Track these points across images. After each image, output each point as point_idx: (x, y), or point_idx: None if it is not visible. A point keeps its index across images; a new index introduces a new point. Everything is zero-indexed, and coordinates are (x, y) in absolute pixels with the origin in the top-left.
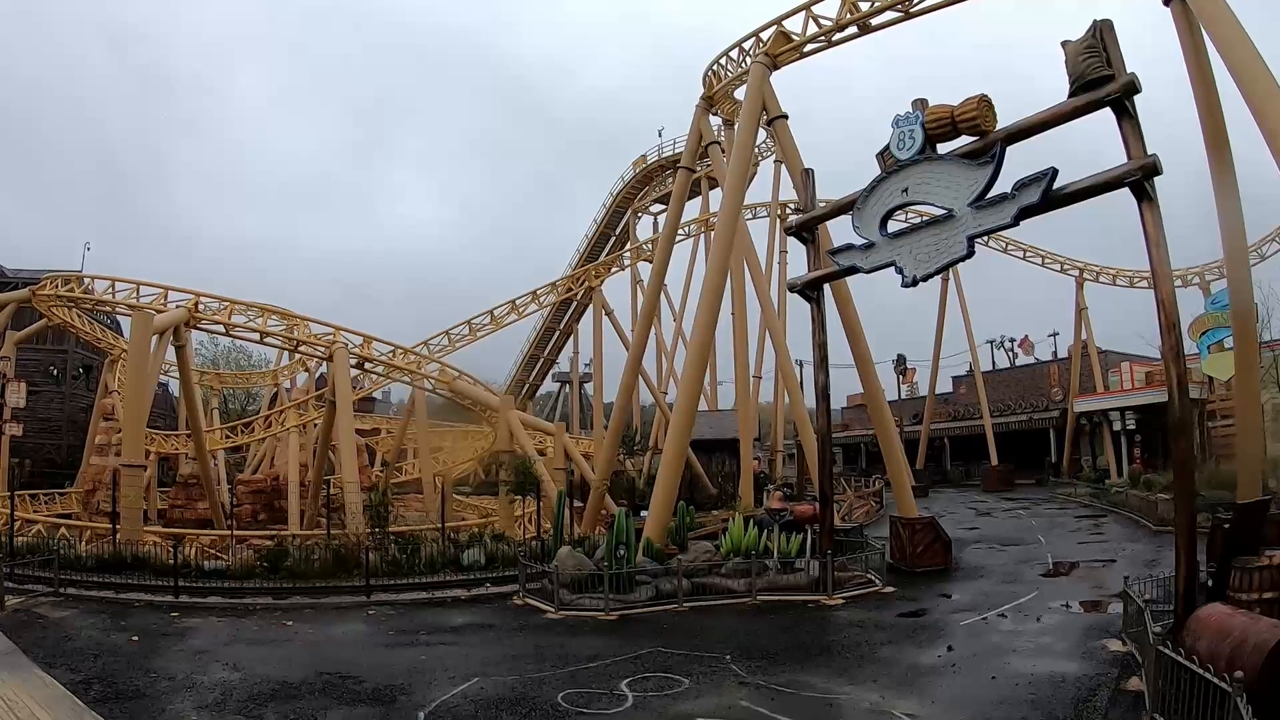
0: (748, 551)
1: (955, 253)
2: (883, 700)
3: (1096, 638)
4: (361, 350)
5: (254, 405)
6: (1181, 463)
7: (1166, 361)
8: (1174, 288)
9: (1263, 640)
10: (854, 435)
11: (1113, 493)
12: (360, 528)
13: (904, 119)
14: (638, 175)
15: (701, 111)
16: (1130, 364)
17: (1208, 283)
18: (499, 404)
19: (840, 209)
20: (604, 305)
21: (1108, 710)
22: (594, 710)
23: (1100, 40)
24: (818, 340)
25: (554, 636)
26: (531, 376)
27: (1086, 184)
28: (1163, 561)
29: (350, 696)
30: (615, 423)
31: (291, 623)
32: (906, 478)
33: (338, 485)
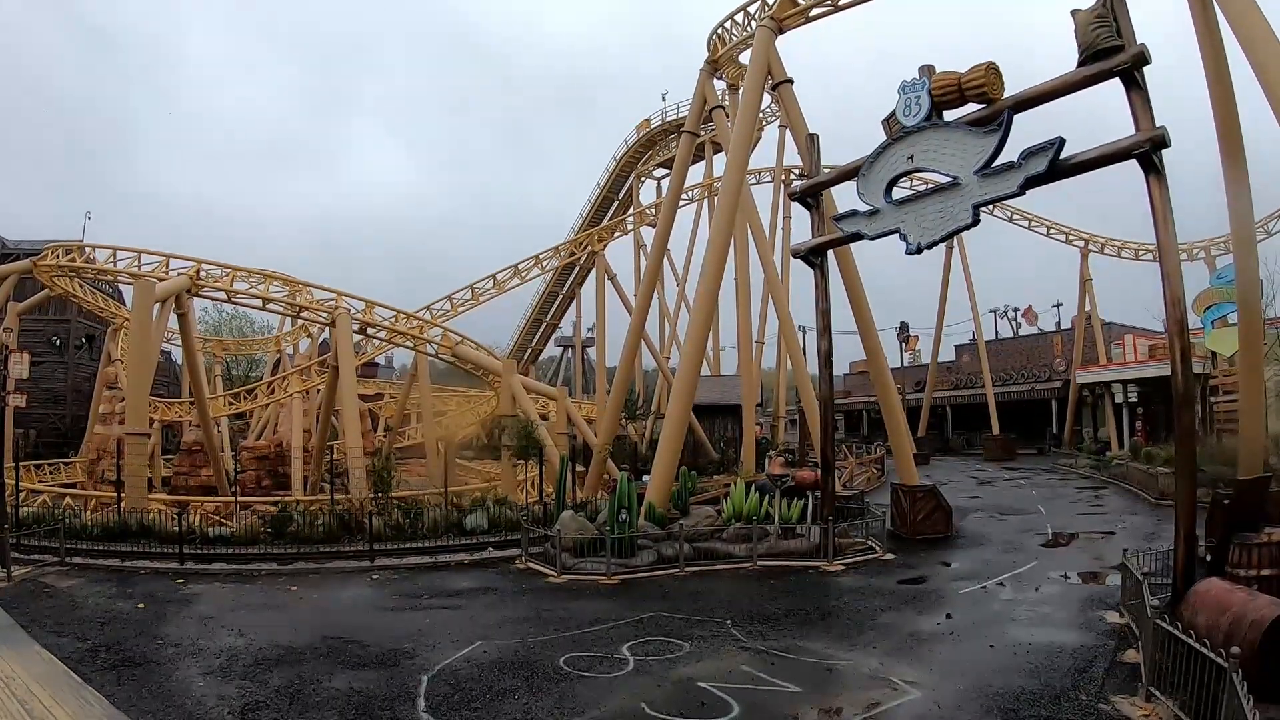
0: (749, 517)
1: (960, 221)
2: (882, 667)
3: (1095, 609)
4: (364, 316)
5: (257, 372)
6: (1184, 437)
7: (1170, 335)
8: (1179, 261)
9: (1261, 617)
10: (856, 402)
11: (1113, 465)
12: (363, 493)
13: (910, 85)
14: (641, 139)
15: (706, 76)
16: (1133, 336)
17: (1213, 257)
18: (501, 368)
19: (845, 175)
20: (607, 269)
21: (1104, 681)
22: (595, 673)
23: (1111, 10)
24: (821, 306)
25: (556, 600)
26: (534, 341)
27: (1094, 154)
28: (1162, 535)
29: (354, 660)
30: (618, 387)
31: (296, 588)
32: (908, 445)
33: (341, 451)
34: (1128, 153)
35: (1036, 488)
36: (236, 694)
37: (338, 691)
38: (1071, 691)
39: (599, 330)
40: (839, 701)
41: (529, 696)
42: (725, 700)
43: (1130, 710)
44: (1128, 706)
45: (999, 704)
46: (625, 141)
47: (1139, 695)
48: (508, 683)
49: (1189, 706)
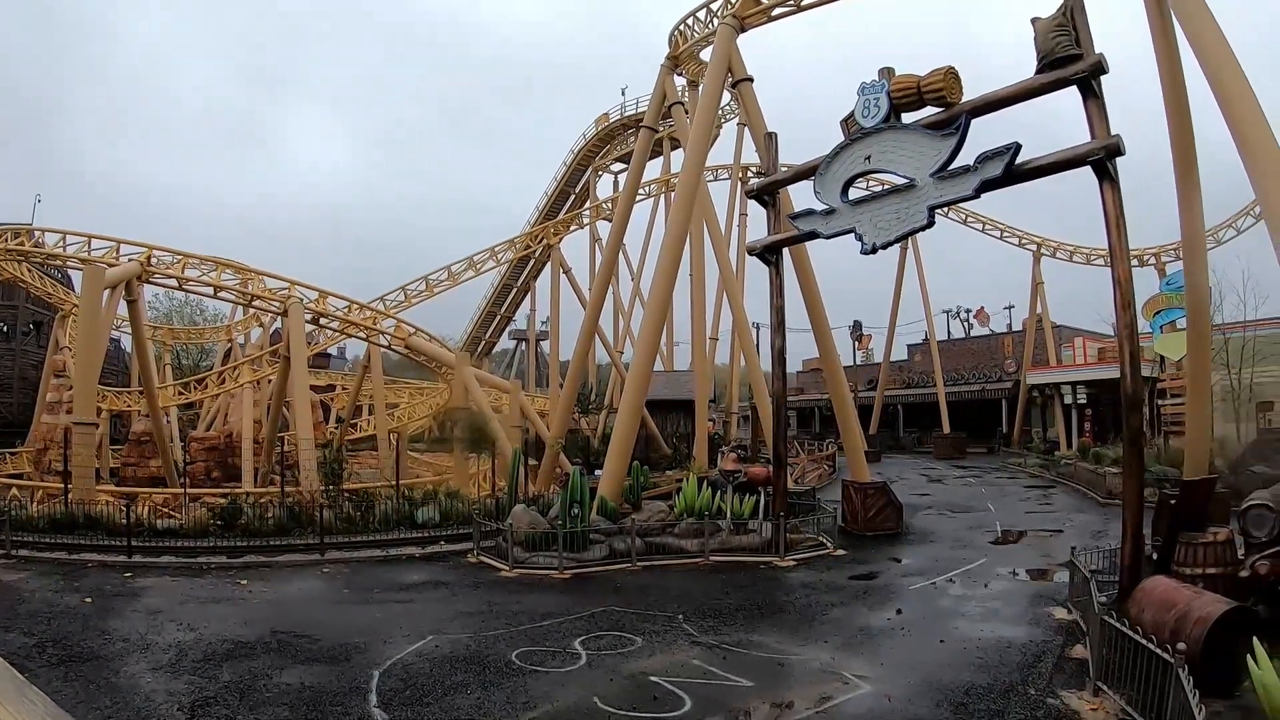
0: (701, 512)
1: (916, 222)
2: (833, 661)
3: (1043, 605)
4: (317, 305)
5: (207, 361)
6: (1132, 438)
7: (1120, 339)
8: (1130, 267)
9: (1206, 614)
10: (808, 399)
11: (1062, 464)
12: (314, 485)
13: (870, 87)
14: (599, 133)
15: (666, 71)
16: (1083, 339)
17: (1163, 264)
18: (455, 361)
19: (802, 174)
20: (562, 263)
21: (1052, 676)
22: (548, 668)
23: (1071, 19)
24: (775, 304)
25: (508, 594)
26: (488, 333)
27: (1049, 160)
28: (1109, 533)
29: (305, 655)
30: (571, 381)
31: (246, 581)
32: (860, 443)
33: (292, 442)
34: (1083, 159)
35: (986, 486)
36: (186, 690)
37: (289, 687)
38: (1020, 686)
39: (553, 323)
40: (791, 695)
41: (481, 691)
42: (678, 695)
43: (1078, 704)
44: (1076, 700)
45: (949, 698)
46: (583, 135)
47: (1087, 690)
48: (460, 677)
49: (1136, 701)
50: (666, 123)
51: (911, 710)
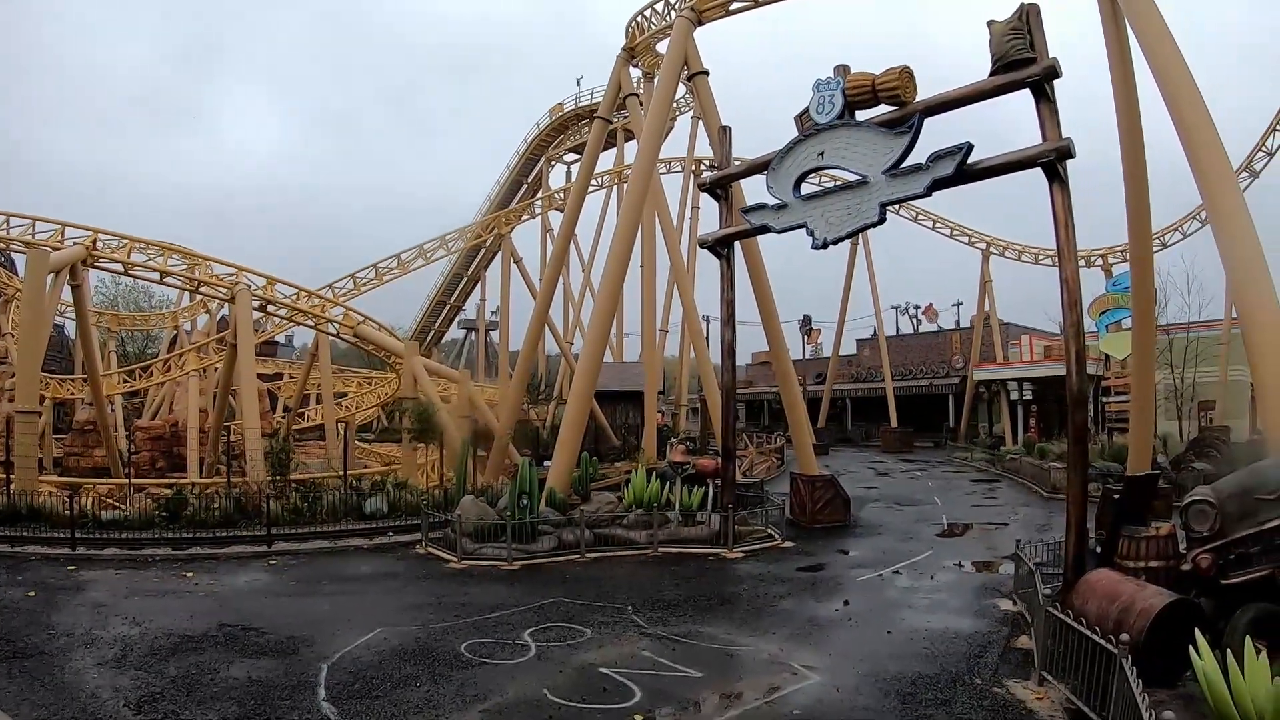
0: (650, 504)
1: (867, 218)
2: (781, 652)
3: (988, 597)
4: (264, 292)
5: (153, 348)
6: (1077, 434)
7: (1067, 337)
8: (1078, 267)
9: (1149, 606)
10: (757, 392)
11: (1007, 459)
12: (261, 475)
13: (825, 84)
14: (553, 123)
15: (622, 63)
16: (1030, 337)
17: (1110, 265)
18: (404, 350)
19: (755, 168)
20: (513, 253)
21: (998, 666)
22: (497, 660)
23: (1026, 23)
24: (726, 297)
25: (457, 586)
26: (437, 323)
27: (1001, 161)
28: (1053, 527)
29: (253, 649)
30: (520, 372)
31: (192, 574)
32: (808, 436)
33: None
34: (1033, 161)
35: (933, 479)
36: (132, 685)
37: (236, 681)
38: (966, 676)
39: (503, 314)
40: (740, 686)
41: (430, 684)
42: (627, 686)
43: (1023, 694)
44: (1021, 690)
45: (896, 688)
46: (537, 124)
47: (1032, 680)
48: (409, 670)
49: (1080, 691)
50: (621, 114)
51: (859, 700)
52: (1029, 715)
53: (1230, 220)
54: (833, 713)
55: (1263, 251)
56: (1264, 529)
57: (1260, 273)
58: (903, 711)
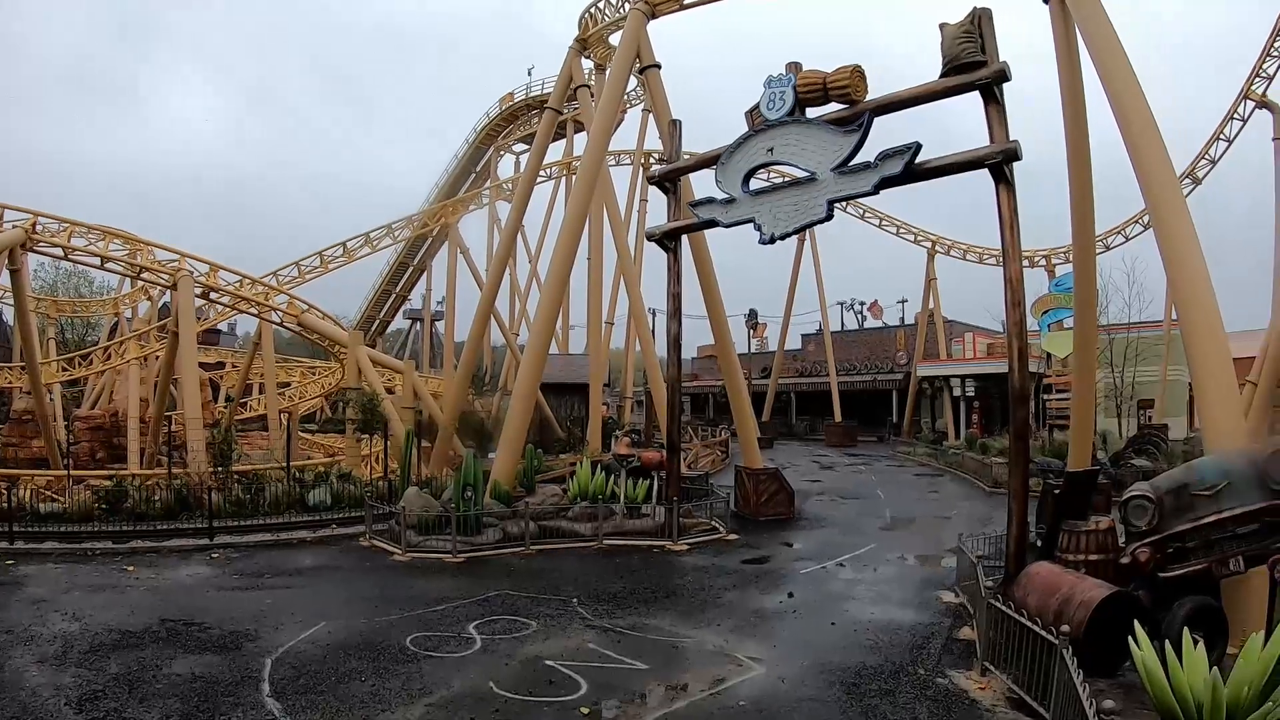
0: (595, 496)
1: (814, 215)
2: (726, 644)
3: (931, 589)
4: (207, 279)
5: (93, 336)
6: (1019, 430)
7: (1010, 336)
8: (1022, 267)
9: (1089, 598)
10: (703, 385)
11: (950, 454)
12: (203, 467)
13: (776, 80)
14: (503, 113)
15: (574, 54)
16: (973, 335)
17: (1053, 265)
18: (348, 340)
19: (705, 162)
20: (460, 242)
21: (941, 657)
22: (443, 653)
23: (978, 27)
24: (672, 290)
25: (401, 579)
26: (382, 312)
27: (948, 161)
28: (995, 521)
29: (195, 644)
30: (466, 362)
31: (133, 567)
32: (753, 429)
33: (180, 422)
34: (981, 162)
35: (876, 474)
36: (73, 683)
37: (179, 677)
38: (910, 666)
39: (449, 304)
40: (685, 678)
41: (376, 678)
42: (573, 678)
43: (966, 684)
44: (964, 680)
45: (841, 678)
46: (487, 114)
47: (974, 670)
48: (353, 664)
49: (1022, 680)
50: (571, 105)
51: (805, 691)
52: (972, 705)
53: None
54: (778, 704)
55: (1204, 256)
56: (1201, 524)
57: (1201, 277)
58: (847, 702)
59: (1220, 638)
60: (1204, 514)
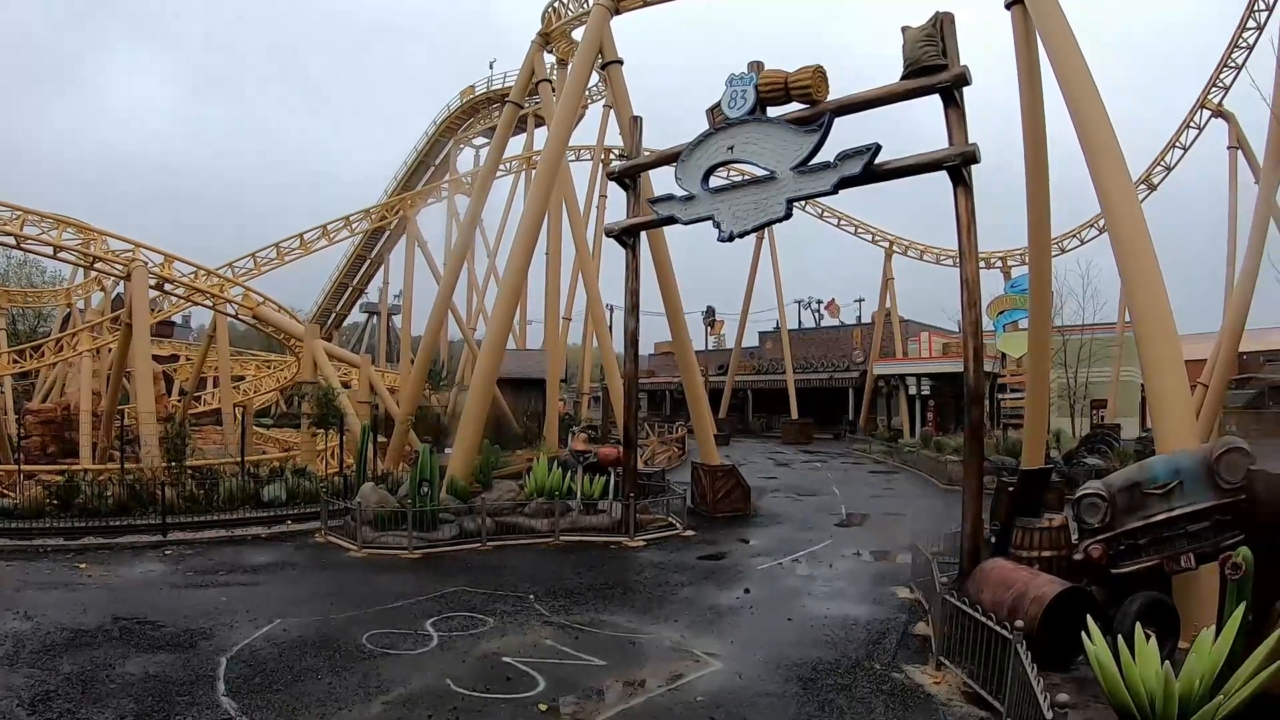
0: (551, 492)
1: (773, 213)
2: (683, 639)
3: (887, 585)
4: (162, 270)
5: (45, 326)
6: (974, 428)
7: (966, 335)
8: (978, 268)
9: (1043, 593)
10: (660, 382)
11: (905, 452)
12: (156, 462)
13: (738, 79)
14: (464, 105)
15: (537, 48)
16: (929, 334)
17: (1009, 267)
18: (304, 333)
19: (665, 159)
20: (418, 236)
21: (897, 652)
22: (399, 651)
23: (940, 31)
24: (630, 286)
25: (357, 575)
26: (339, 306)
27: (908, 163)
28: (950, 518)
29: (149, 643)
30: (422, 357)
31: (85, 565)
32: (709, 426)
33: (133, 416)
34: (940, 164)
35: (832, 471)
36: (25, 684)
37: (133, 677)
38: (866, 661)
39: (406, 298)
40: (643, 674)
41: (332, 676)
42: (531, 675)
43: (922, 679)
44: (920, 675)
45: (797, 673)
46: (447, 106)
47: (930, 664)
48: (310, 662)
49: (977, 674)
50: (533, 99)
51: (761, 686)
52: (928, 699)
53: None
54: (736, 699)
55: (1157, 261)
56: (1152, 521)
57: (1154, 281)
58: (804, 697)
59: (1171, 633)
60: (1155, 512)
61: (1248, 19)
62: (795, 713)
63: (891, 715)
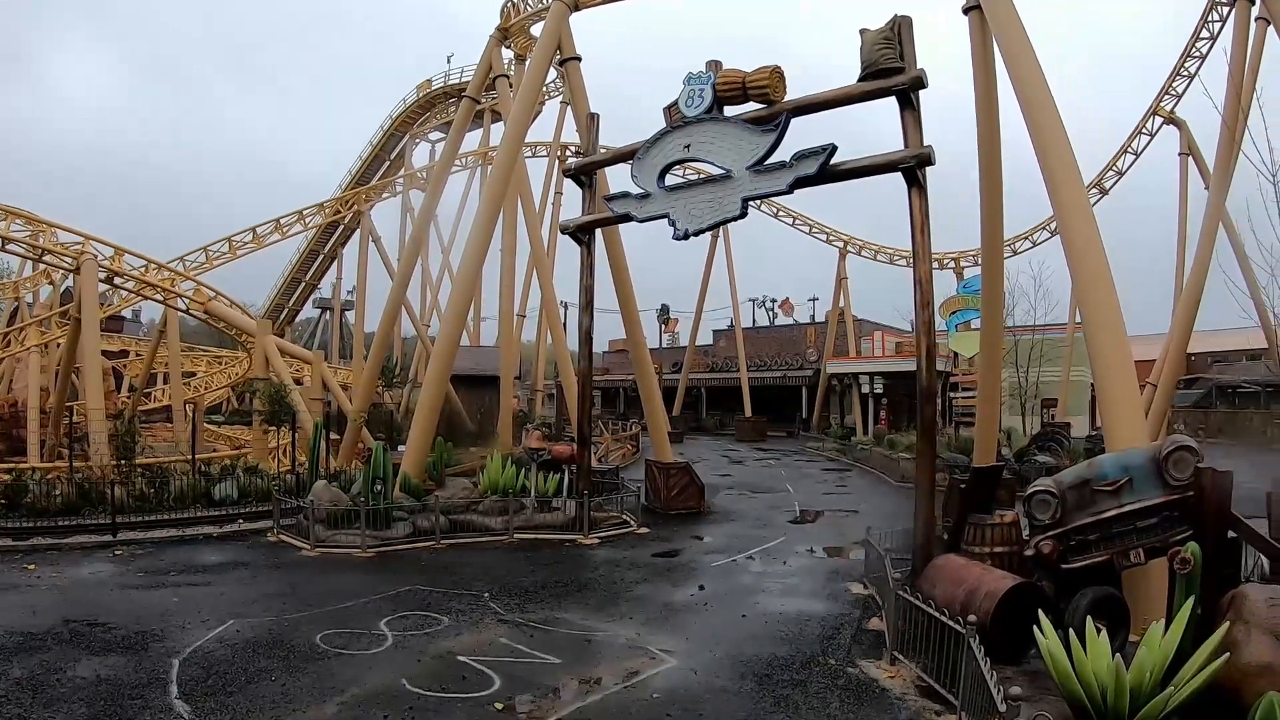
0: (505, 490)
1: (729, 212)
2: (639, 636)
3: (840, 581)
4: (112, 263)
5: None
6: (926, 426)
7: (919, 335)
8: (931, 269)
9: (995, 588)
10: (614, 379)
11: (858, 449)
12: (106, 460)
13: (696, 77)
14: (420, 100)
15: (495, 43)
16: (882, 333)
17: (962, 268)
18: (255, 328)
19: (621, 157)
20: (372, 231)
21: (851, 647)
22: (353, 650)
23: (898, 34)
24: (585, 283)
25: (310, 574)
26: (291, 301)
27: (863, 164)
28: (902, 514)
29: (100, 645)
30: (376, 353)
31: (34, 566)
32: (664, 423)
33: (82, 413)
34: (895, 166)
35: (785, 468)
36: None
37: (84, 680)
38: (821, 657)
39: (359, 294)
40: (599, 671)
41: (286, 677)
42: (486, 674)
43: (877, 673)
44: (874, 669)
45: (753, 669)
46: (403, 100)
47: (884, 659)
48: (263, 663)
49: (931, 669)
50: (490, 95)
51: (717, 682)
52: (882, 693)
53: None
54: (691, 695)
55: (1108, 263)
56: (1102, 518)
57: (1105, 283)
58: (759, 692)
59: (1122, 626)
60: (1105, 508)
61: (1201, 29)
62: (751, 709)
63: (847, 710)
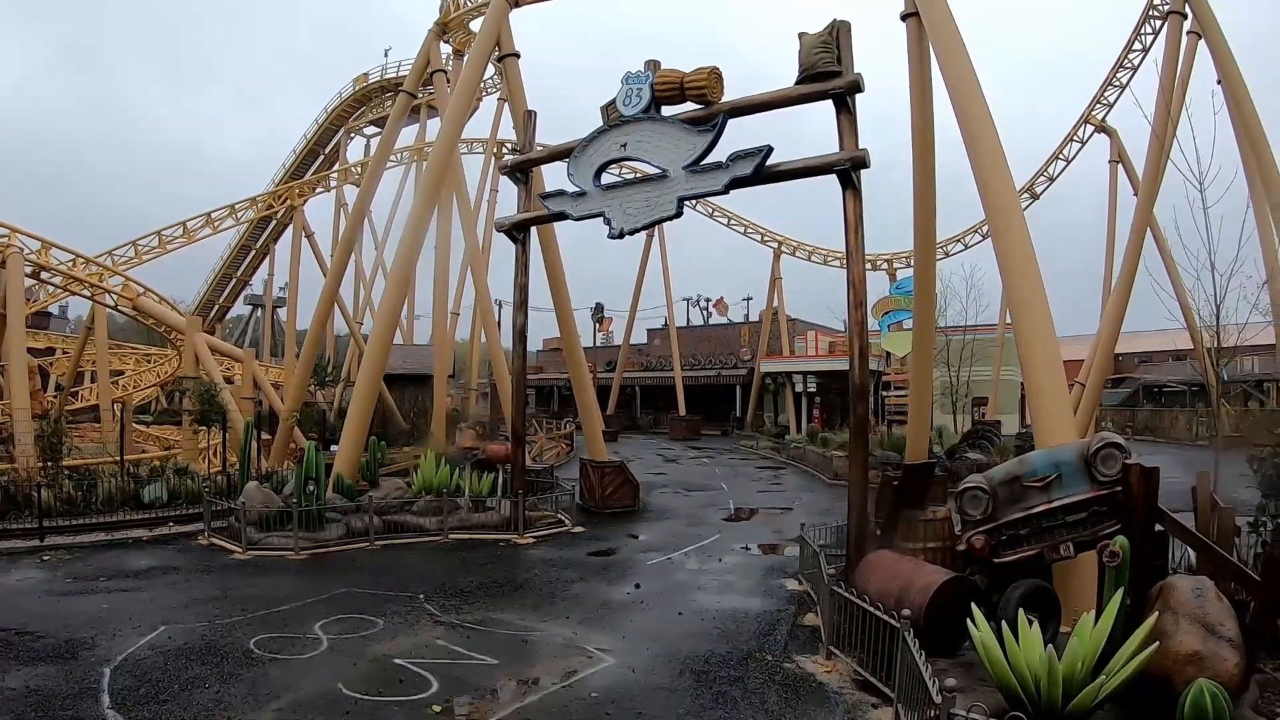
0: (440, 489)
1: (664, 211)
2: (576, 635)
3: (775, 577)
4: (38, 257)
5: None
6: (859, 424)
7: (851, 334)
8: (865, 270)
9: (928, 583)
10: (548, 378)
11: (792, 447)
12: (32, 461)
13: (634, 77)
14: (356, 93)
15: (434, 37)
16: (816, 333)
17: (895, 269)
18: (185, 325)
19: (558, 154)
20: (305, 226)
21: (787, 642)
22: (288, 655)
23: (836, 38)
24: (520, 281)
25: (243, 578)
26: (222, 298)
27: (798, 165)
28: (836, 511)
29: (28, 655)
30: (308, 351)
31: None
32: (598, 422)
33: (6, 413)
34: (830, 168)
35: (720, 466)
36: None
37: (13, 691)
38: (758, 652)
39: (291, 290)
40: (536, 671)
41: (220, 684)
42: (423, 676)
43: (813, 668)
44: (810, 664)
45: (690, 666)
46: (339, 93)
47: (820, 654)
48: (196, 670)
49: (867, 662)
50: (426, 90)
51: (655, 680)
52: (820, 687)
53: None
54: (630, 693)
55: (1038, 266)
56: (1032, 513)
57: (1035, 285)
58: (698, 689)
59: (1053, 618)
60: (1035, 503)
61: (1133, 41)
62: (690, 705)
63: (784, 705)
